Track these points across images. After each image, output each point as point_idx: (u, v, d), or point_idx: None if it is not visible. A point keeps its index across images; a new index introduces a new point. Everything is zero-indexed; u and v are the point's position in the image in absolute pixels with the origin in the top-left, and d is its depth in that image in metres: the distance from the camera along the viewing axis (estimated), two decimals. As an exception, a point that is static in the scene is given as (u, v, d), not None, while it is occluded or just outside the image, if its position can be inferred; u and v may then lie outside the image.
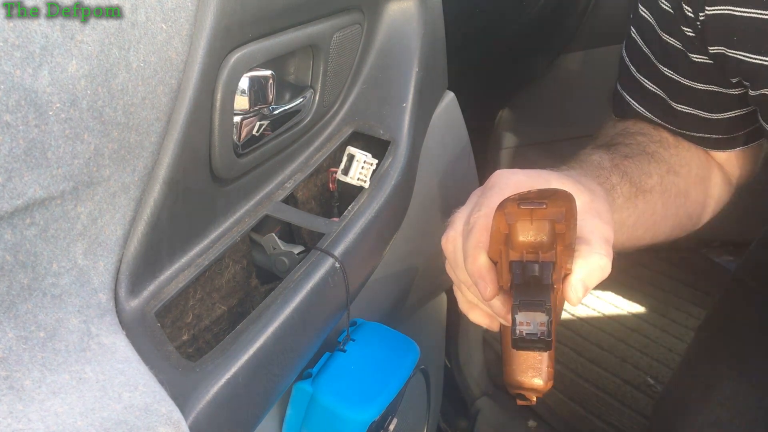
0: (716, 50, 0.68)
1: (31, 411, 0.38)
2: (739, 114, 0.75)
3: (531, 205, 0.44)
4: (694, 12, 0.67)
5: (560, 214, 0.45)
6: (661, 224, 0.75)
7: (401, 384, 0.68)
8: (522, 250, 0.47)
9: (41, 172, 0.38)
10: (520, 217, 0.45)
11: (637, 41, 0.78)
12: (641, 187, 0.71)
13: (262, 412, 0.57)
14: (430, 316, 1.06)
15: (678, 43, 0.72)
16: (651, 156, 0.75)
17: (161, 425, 0.43)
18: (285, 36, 0.56)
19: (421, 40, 0.75)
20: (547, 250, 0.46)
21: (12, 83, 0.35)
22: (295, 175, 0.66)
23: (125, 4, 0.40)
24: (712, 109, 0.75)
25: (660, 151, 0.77)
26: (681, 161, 0.78)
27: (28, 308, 0.39)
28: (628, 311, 1.58)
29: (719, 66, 0.70)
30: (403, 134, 0.73)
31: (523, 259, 0.47)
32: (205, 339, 0.57)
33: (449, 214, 0.59)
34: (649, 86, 0.78)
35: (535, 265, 0.46)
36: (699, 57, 0.71)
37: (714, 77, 0.72)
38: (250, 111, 0.54)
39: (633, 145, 0.76)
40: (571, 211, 0.45)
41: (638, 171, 0.71)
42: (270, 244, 0.64)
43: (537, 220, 0.45)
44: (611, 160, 0.71)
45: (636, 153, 0.74)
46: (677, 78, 0.75)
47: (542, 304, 0.46)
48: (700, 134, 0.78)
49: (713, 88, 0.73)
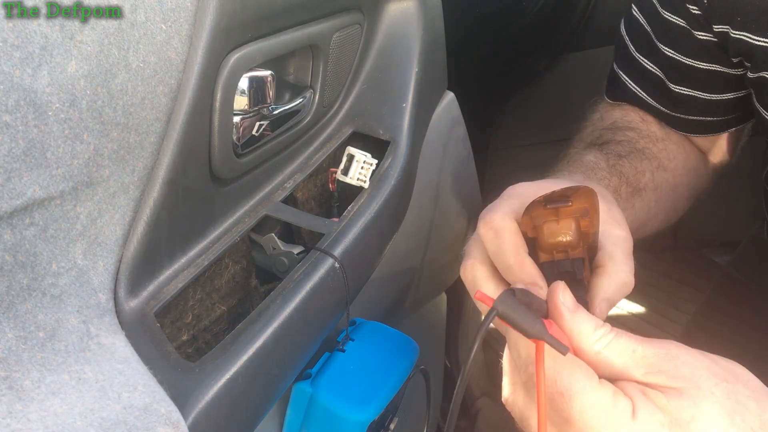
0: (720, 29, 0.68)
1: (31, 411, 0.38)
2: (737, 95, 0.75)
3: (557, 204, 0.45)
4: None
5: (585, 210, 0.46)
6: (653, 220, 0.75)
7: (401, 384, 0.68)
8: (551, 251, 0.47)
9: (41, 173, 0.38)
10: (547, 217, 0.46)
11: (638, 19, 0.77)
12: (637, 186, 0.71)
13: (262, 412, 0.57)
14: (430, 316, 1.06)
15: (682, 21, 0.71)
16: (642, 153, 0.75)
17: (161, 425, 0.43)
18: (285, 36, 0.56)
19: (421, 40, 0.75)
20: (575, 248, 0.47)
21: (11, 83, 0.35)
22: (295, 175, 0.66)
23: (125, 5, 0.40)
24: (713, 90, 0.75)
25: (650, 146, 0.77)
26: (669, 155, 0.78)
27: (27, 308, 0.39)
28: (628, 311, 1.58)
29: (722, 44, 0.69)
30: (403, 134, 0.73)
31: (554, 259, 0.48)
32: (204, 339, 0.57)
33: (448, 214, 0.59)
34: (647, 65, 0.78)
35: (567, 262, 0.47)
36: (704, 35, 0.70)
37: (717, 56, 0.72)
38: (250, 111, 0.54)
39: (624, 143, 0.75)
40: (594, 206, 0.46)
41: (633, 170, 0.71)
42: (270, 244, 0.64)
43: (563, 218, 0.46)
44: (607, 160, 0.71)
45: (628, 151, 0.74)
46: (678, 57, 0.74)
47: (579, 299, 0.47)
48: (694, 117, 0.78)
49: (715, 68, 0.73)
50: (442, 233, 0.91)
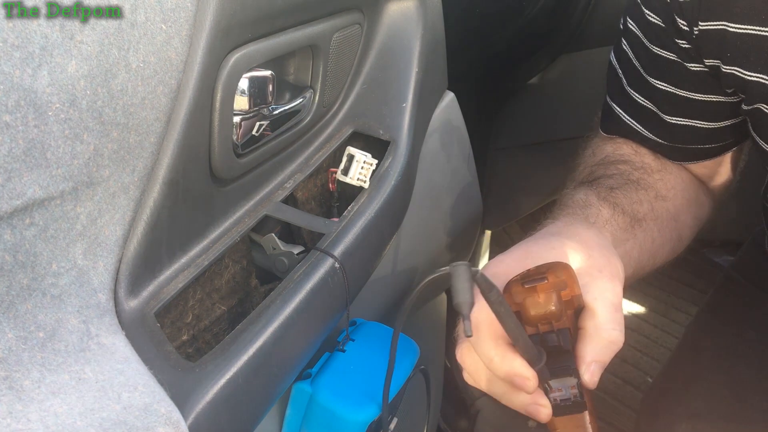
0: (711, 63, 0.67)
1: (31, 411, 0.38)
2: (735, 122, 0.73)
3: (534, 282, 0.48)
4: (689, 26, 0.66)
5: (563, 283, 0.48)
6: (660, 251, 0.73)
7: (401, 384, 0.68)
8: (536, 324, 0.49)
9: (41, 173, 0.38)
10: (527, 294, 0.48)
11: (627, 53, 0.76)
12: (635, 216, 0.69)
13: (262, 412, 0.57)
14: (430, 316, 1.06)
15: (672, 55, 0.70)
16: (637, 183, 0.73)
17: (161, 425, 0.43)
18: (285, 36, 0.56)
19: (421, 40, 0.75)
20: (559, 318, 0.49)
21: (11, 83, 0.35)
22: (295, 175, 0.66)
23: (125, 5, 0.40)
24: (711, 119, 0.73)
25: (644, 177, 0.75)
26: (667, 185, 0.76)
27: (27, 308, 0.39)
28: (628, 311, 1.58)
29: (715, 76, 0.68)
30: (403, 134, 0.73)
31: (539, 332, 0.49)
32: (204, 339, 0.57)
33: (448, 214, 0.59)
34: (639, 100, 0.76)
35: (553, 335, 0.49)
36: (697, 66, 0.69)
37: (713, 86, 0.70)
38: (250, 111, 0.54)
39: (616, 176, 0.74)
40: (572, 277, 0.49)
41: (628, 200, 0.70)
42: (270, 244, 0.64)
43: (542, 292, 0.48)
44: (597, 194, 0.69)
45: (621, 183, 0.72)
46: (672, 90, 0.72)
47: (568, 369, 0.49)
48: (693, 146, 0.76)
49: (711, 98, 0.71)
50: (442, 233, 0.91)
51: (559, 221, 0.64)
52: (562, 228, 0.61)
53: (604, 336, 0.50)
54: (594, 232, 0.60)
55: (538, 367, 0.49)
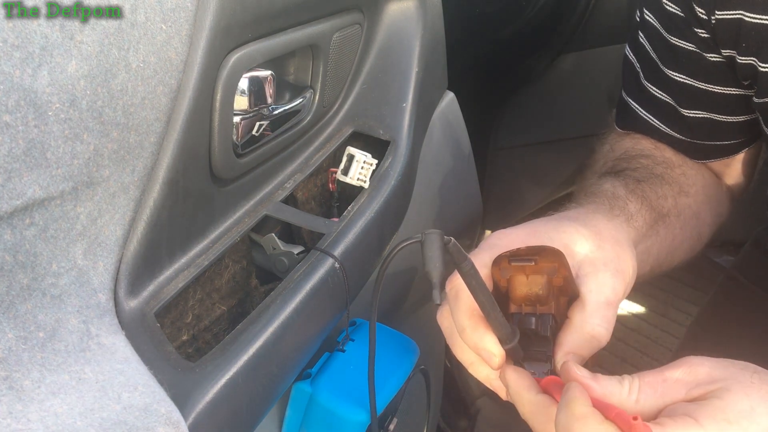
0: (728, 53, 0.67)
1: (31, 411, 0.38)
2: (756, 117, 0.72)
3: (521, 262, 0.47)
4: (707, 14, 0.65)
5: (552, 269, 0.46)
6: (679, 248, 0.72)
7: (401, 384, 0.68)
8: (520, 303, 0.48)
9: (41, 173, 0.38)
10: (513, 272, 0.47)
11: (644, 45, 0.75)
12: (660, 212, 0.68)
13: (262, 412, 0.57)
14: (430, 316, 1.06)
15: (691, 45, 0.70)
16: (661, 178, 0.72)
17: (161, 425, 0.43)
18: (285, 36, 0.56)
19: (421, 40, 0.75)
20: (544, 303, 0.48)
21: (11, 83, 0.35)
22: (295, 175, 0.66)
23: (125, 5, 0.40)
24: (730, 112, 0.72)
25: (668, 172, 0.73)
26: (689, 181, 0.75)
27: (27, 308, 0.39)
28: (628, 311, 1.58)
29: (732, 67, 0.68)
30: (403, 134, 0.73)
31: (521, 312, 0.48)
32: (204, 339, 0.57)
33: (448, 214, 0.59)
34: (656, 93, 0.75)
35: (532, 318, 0.48)
36: (715, 56, 0.69)
37: (731, 77, 0.69)
38: (250, 111, 0.54)
39: (640, 169, 0.72)
40: (563, 264, 0.47)
41: (654, 194, 0.68)
42: (270, 244, 0.64)
43: (528, 274, 0.47)
44: (625, 186, 0.67)
45: (647, 176, 0.71)
46: (690, 82, 0.72)
47: (544, 354, 0.48)
48: (711, 142, 0.75)
49: (730, 90, 0.70)
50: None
51: (582, 208, 0.62)
52: (582, 214, 0.59)
53: (587, 330, 0.49)
54: (614, 225, 0.59)
55: (509, 345, 0.47)
